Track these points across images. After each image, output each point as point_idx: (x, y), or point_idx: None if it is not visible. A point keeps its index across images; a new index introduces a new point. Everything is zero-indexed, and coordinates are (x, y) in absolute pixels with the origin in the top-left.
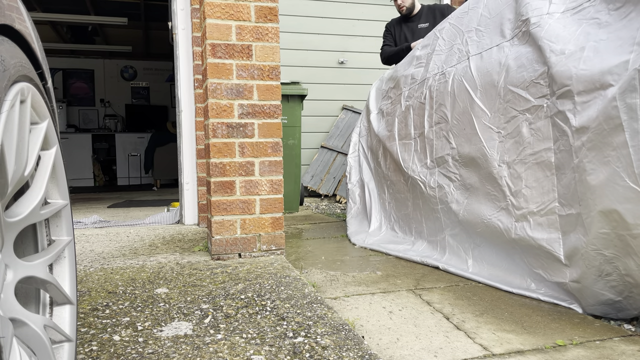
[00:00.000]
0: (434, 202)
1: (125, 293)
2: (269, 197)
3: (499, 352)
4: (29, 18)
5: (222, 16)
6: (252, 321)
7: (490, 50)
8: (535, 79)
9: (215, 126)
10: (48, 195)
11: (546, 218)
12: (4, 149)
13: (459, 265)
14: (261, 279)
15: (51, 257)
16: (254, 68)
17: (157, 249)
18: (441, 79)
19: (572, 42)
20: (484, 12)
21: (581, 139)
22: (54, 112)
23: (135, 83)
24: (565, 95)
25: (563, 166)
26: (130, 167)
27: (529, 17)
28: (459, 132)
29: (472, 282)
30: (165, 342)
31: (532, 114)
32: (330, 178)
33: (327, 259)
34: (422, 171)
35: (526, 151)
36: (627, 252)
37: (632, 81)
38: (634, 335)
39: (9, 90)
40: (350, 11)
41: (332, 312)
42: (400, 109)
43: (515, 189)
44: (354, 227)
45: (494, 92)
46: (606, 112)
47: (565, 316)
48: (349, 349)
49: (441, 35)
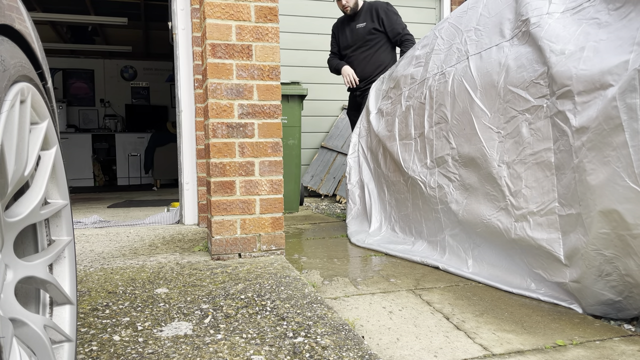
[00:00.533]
0: (434, 202)
1: (125, 293)
2: (269, 197)
3: (499, 352)
4: (29, 18)
5: (222, 16)
6: (252, 321)
7: (489, 50)
8: (535, 79)
9: (215, 126)
10: (48, 195)
11: (546, 218)
12: (4, 149)
13: (458, 266)
14: (261, 279)
15: (51, 257)
16: (254, 68)
17: (157, 249)
18: (441, 79)
19: (572, 42)
20: (484, 12)
21: (581, 139)
22: (54, 112)
23: (135, 83)
24: (565, 95)
25: (563, 166)
26: (130, 167)
27: (528, 17)
28: (459, 132)
29: (472, 282)
30: (165, 342)
31: (532, 114)
32: (330, 178)
33: (327, 259)
34: (422, 171)
35: (526, 151)
36: (627, 252)
37: (632, 81)
38: (634, 335)
39: (9, 90)
40: None
41: (332, 312)
42: (401, 109)
43: (515, 189)
44: (354, 228)
45: (494, 92)
46: (606, 112)
47: (565, 316)
48: (349, 349)
49: (440, 34)
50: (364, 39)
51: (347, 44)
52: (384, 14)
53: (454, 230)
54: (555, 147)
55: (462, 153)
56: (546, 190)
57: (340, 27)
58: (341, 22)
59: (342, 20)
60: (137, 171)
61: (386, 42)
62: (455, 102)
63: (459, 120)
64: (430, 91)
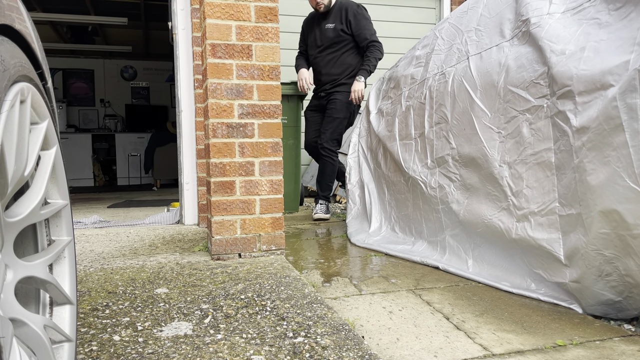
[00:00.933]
0: (435, 202)
1: (125, 293)
2: (269, 197)
3: (499, 352)
4: (29, 18)
5: (222, 16)
6: (252, 321)
7: (490, 50)
8: (535, 79)
9: (215, 126)
10: (48, 195)
11: (547, 218)
12: (4, 149)
13: (459, 266)
14: (261, 279)
15: (51, 257)
16: (254, 68)
17: (157, 249)
18: (441, 79)
19: (572, 43)
20: (484, 12)
21: (581, 139)
22: (54, 112)
23: (135, 83)
24: (566, 95)
25: (563, 166)
26: (130, 167)
27: (529, 17)
28: (459, 132)
29: (472, 282)
30: (165, 342)
31: (532, 114)
32: None
33: (327, 259)
34: (422, 171)
35: (527, 151)
36: (627, 252)
37: (633, 81)
38: (634, 335)
39: (9, 90)
40: None
41: (332, 312)
42: (401, 109)
43: (517, 189)
44: (354, 228)
45: (494, 92)
46: (606, 112)
47: (565, 316)
48: (349, 349)
49: (440, 34)
50: (331, 41)
51: (315, 43)
52: (353, 16)
53: (455, 230)
54: (556, 147)
55: (462, 153)
56: (547, 190)
57: (309, 24)
58: (311, 18)
59: (312, 17)
60: (137, 171)
61: (354, 45)
62: (455, 102)
63: (459, 121)
64: (430, 91)
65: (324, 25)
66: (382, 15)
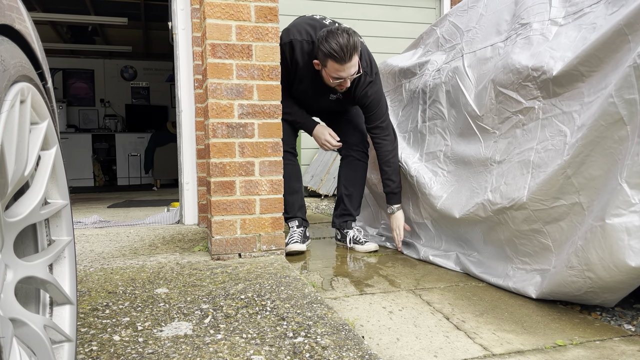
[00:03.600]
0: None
1: (125, 293)
2: (269, 197)
3: (499, 352)
4: (29, 18)
5: (222, 16)
6: (252, 321)
7: (484, 49)
8: (524, 82)
9: (215, 126)
10: (48, 195)
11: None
12: (4, 149)
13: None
14: (261, 279)
15: (51, 257)
16: (254, 68)
17: (157, 249)
18: (436, 76)
19: (570, 50)
20: (483, 12)
21: (576, 136)
22: (54, 112)
23: (135, 83)
24: (572, 97)
25: (546, 164)
26: (130, 167)
27: (529, 21)
28: (452, 129)
29: (472, 282)
30: (165, 342)
31: (525, 115)
32: (330, 178)
33: (327, 259)
34: (413, 166)
35: (515, 151)
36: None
37: (628, 77)
38: (634, 335)
39: (9, 90)
40: (351, 11)
41: (332, 312)
42: (397, 104)
43: (496, 186)
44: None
45: (485, 92)
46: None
47: (565, 316)
48: (349, 349)
49: (440, 32)
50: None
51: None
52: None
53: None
54: (540, 146)
55: (454, 150)
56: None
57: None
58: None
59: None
60: (137, 171)
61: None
62: (449, 99)
63: (452, 118)
64: (425, 87)
65: (325, 90)
66: (382, 15)
